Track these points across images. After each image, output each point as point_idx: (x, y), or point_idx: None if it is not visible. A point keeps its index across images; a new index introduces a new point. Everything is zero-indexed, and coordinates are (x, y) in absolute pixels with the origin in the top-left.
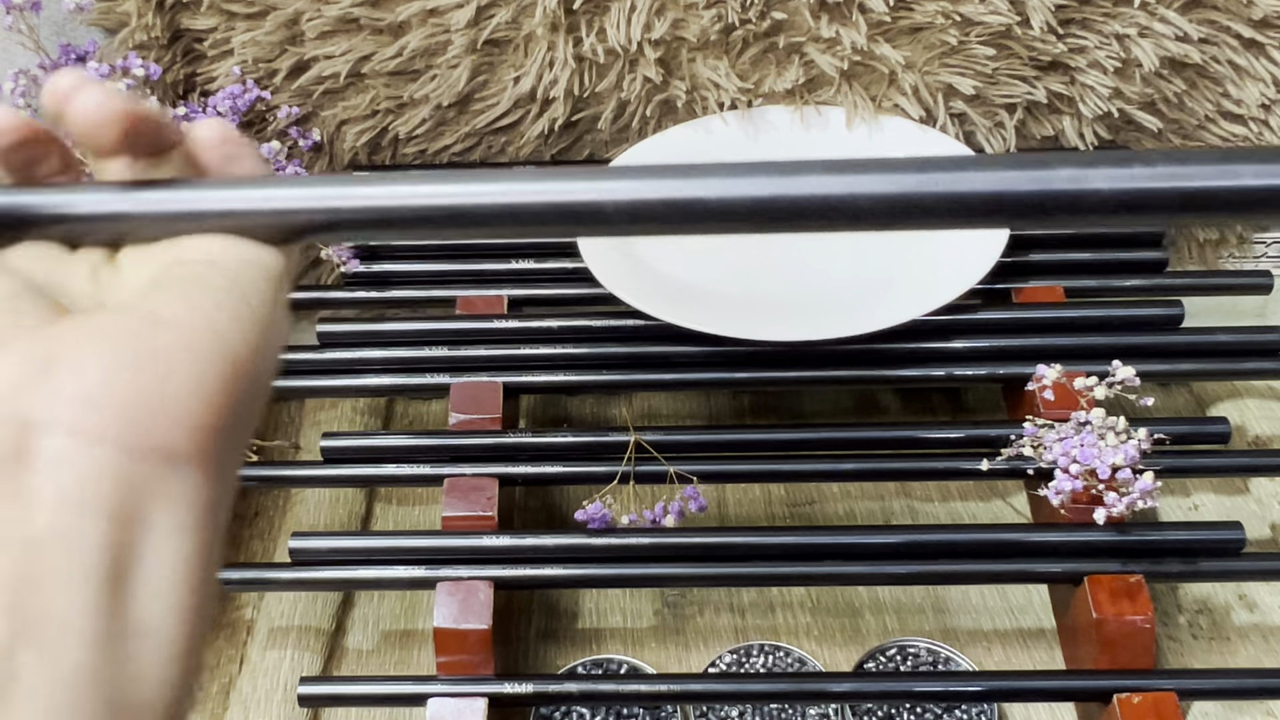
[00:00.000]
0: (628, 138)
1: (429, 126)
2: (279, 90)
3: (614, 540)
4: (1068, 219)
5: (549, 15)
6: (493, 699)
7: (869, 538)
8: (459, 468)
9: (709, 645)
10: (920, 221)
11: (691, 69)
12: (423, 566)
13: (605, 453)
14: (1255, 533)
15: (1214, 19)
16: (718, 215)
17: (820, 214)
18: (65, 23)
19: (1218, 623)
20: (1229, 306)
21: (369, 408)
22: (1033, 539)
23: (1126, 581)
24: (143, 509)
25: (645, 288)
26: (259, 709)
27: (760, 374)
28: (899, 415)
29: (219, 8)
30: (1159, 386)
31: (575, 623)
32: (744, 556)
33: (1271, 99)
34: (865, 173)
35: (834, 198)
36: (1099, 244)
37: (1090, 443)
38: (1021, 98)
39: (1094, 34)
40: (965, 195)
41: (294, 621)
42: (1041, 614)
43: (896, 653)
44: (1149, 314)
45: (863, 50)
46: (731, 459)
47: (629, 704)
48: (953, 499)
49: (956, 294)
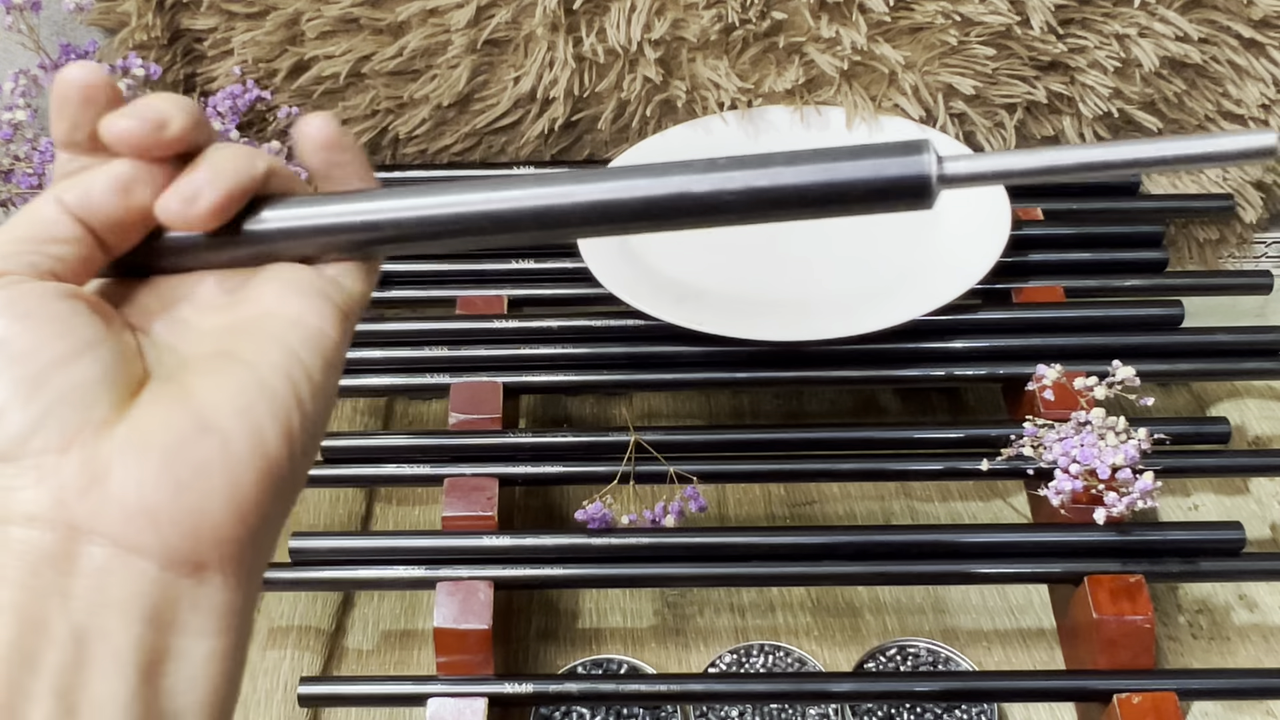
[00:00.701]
0: (628, 138)
1: (429, 126)
2: (279, 90)
3: (614, 540)
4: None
5: (549, 15)
6: (493, 699)
7: (869, 538)
8: (459, 468)
9: (709, 645)
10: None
11: (691, 69)
12: (423, 566)
13: (605, 453)
14: (1255, 533)
15: (1214, 19)
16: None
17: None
18: (65, 23)
19: (1218, 623)
20: (1229, 306)
21: (369, 408)
22: (1033, 539)
23: (1126, 581)
24: (175, 614)
25: (645, 288)
26: (259, 709)
27: (760, 374)
28: (899, 415)
29: (219, 8)
30: (1159, 386)
31: (575, 623)
32: (744, 556)
33: (1271, 99)
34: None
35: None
36: (1099, 244)
37: (1090, 443)
38: (1021, 98)
39: (1094, 34)
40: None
41: (294, 621)
42: (1041, 614)
43: (896, 653)
44: (1149, 314)
45: (863, 50)
46: (731, 459)
47: (629, 704)
48: (953, 499)
49: (956, 294)
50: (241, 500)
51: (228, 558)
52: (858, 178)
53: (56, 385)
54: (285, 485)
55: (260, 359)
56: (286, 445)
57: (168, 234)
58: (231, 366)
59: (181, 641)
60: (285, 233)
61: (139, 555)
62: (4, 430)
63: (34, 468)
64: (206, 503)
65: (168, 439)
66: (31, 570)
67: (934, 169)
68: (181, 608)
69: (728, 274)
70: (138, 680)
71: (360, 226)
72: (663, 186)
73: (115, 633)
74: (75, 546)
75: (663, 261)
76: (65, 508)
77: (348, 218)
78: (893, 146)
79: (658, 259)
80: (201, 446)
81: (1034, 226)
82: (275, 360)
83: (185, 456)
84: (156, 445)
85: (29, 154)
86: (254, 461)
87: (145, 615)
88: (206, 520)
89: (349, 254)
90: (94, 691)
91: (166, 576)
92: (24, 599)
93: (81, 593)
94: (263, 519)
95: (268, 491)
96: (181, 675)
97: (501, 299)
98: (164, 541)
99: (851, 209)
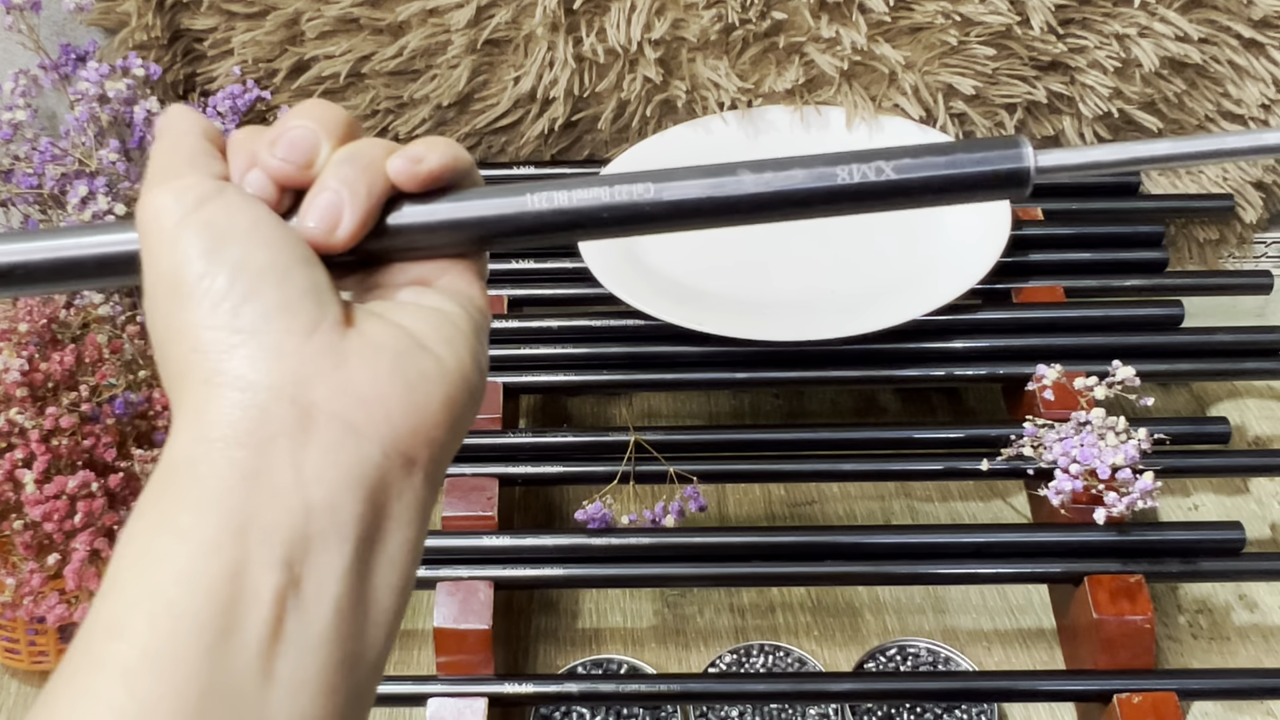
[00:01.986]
0: (628, 138)
1: (429, 126)
2: (279, 90)
3: (614, 540)
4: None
5: (549, 15)
6: (493, 699)
7: (869, 538)
8: (459, 468)
9: (709, 645)
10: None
11: (691, 69)
12: (423, 566)
13: (605, 453)
14: (1255, 533)
15: (1214, 19)
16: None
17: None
18: (65, 23)
19: (1218, 623)
20: (1229, 306)
21: None
22: (1033, 539)
23: (1126, 581)
24: (389, 498)
25: (645, 288)
26: None
27: (760, 374)
28: (899, 415)
29: (219, 8)
30: (1159, 386)
31: (575, 623)
32: (744, 556)
33: (1271, 99)
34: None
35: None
36: (1099, 244)
37: (1090, 443)
38: (1021, 98)
39: (1094, 34)
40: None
41: None
42: (1041, 614)
43: (896, 653)
44: (1149, 314)
45: (863, 50)
46: (731, 459)
47: (629, 704)
48: (953, 499)
49: (956, 294)
50: (451, 408)
51: (432, 457)
52: (975, 170)
53: (300, 279)
54: (474, 405)
55: (444, 305)
56: (478, 373)
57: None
58: (425, 310)
59: (388, 525)
60: (421, 227)
61: (368, 439)
62: (258, 305)
63: (273, 346)
64: (429, 403)
65: (397, 347)
66: (268, 438)
67: (1032, 161)
68: (392, 495)
69: (728, 274)
70: (354, 556)
71: (490, 222)
72: (794, 180)
73: (342, 506)
74: (312, 422)
75: (663, 262)
76: (305, 386)
77: (482, 212)
78: (994, 141)
79: (658, 259)
80: (423, 359)
81: (1034, 226)
82: (453, 307)
83: (412, 363)
84: (388, 349)
85: (29, 154)
86: (460, 380)
87: (368, 495)
88: (427, 419)
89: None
90: (318, 562)
91: (387, 463)
92: (261, 464)
93: (313, 466)
94: (459, 430)
95: (467, 407)
96: (385, 557)
97: (502, 299)
98: (393, 429)
99: (957, 199)
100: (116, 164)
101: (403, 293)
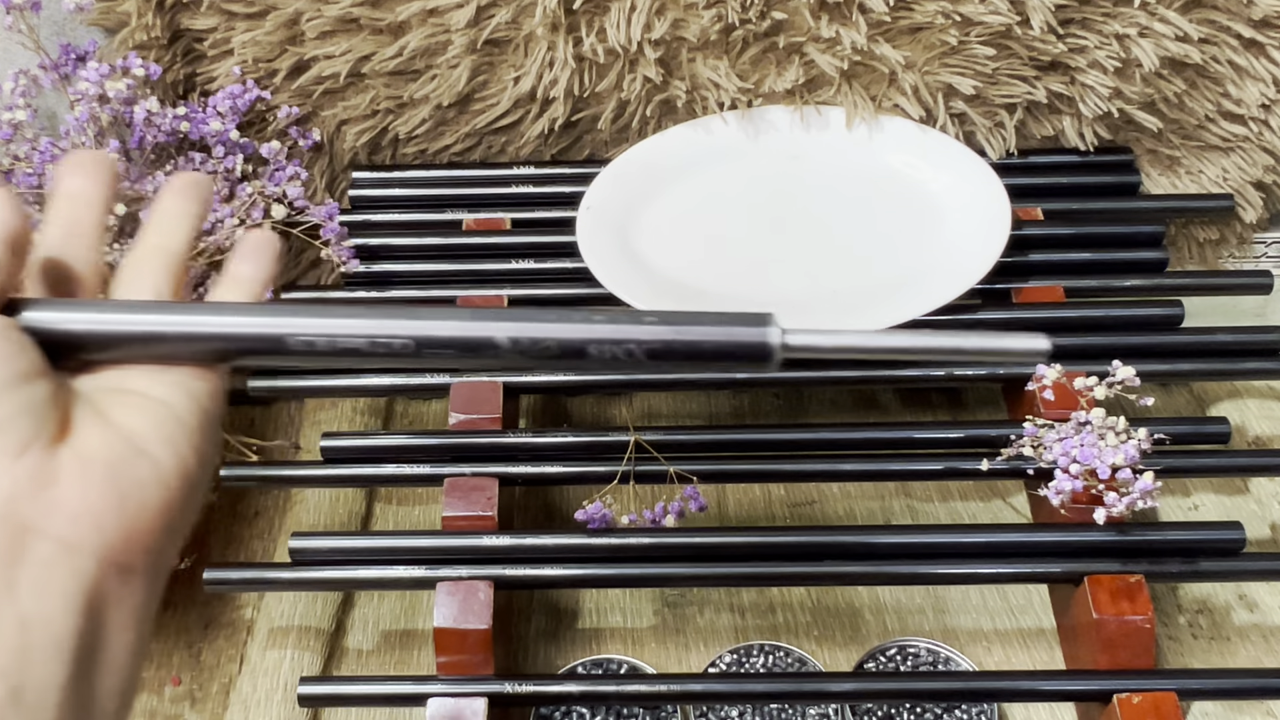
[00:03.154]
0: (628, 138)
1: (429, 126)
2: (279, 90)
3: (614, 540)
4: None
5: (549, 15)
6: (493, 699)
7: (869, 538)
8: (459, 467)
9: (709, 645)
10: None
11: (691, 69)
12: (423, 566)
13: (605, 453)
14: (1255, 533)
15: (1214, 19)
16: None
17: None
18: (65, 23)
19: (1218, 623)
20: (1229, 306)
21: (369, 408)
22: (1033, 539)
23: (1126, 581)
24: (106, 606)
25: (645, 288)
26: (259, 709)
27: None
28: (899, 415)
29: (219, 8)
30: (1159, 386)
31: (575, 623)
32: (744, 556)
33: (1271, 99)
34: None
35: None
36: (1099, 244)
37: (1090, 443)
38: (1021, 98)
39: (1094, 34)
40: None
41: (294, 621)
42: (1041, 614)
43: (896, 653)
44: (1149, 314)
45: (863, 50)
46: (731, 459)
47: (629, 704)
48: (953, 499)
49: (956, 294)
50: (167, 512)
51: (149, 561)
52: (715, 340)
53: (18, 399)
54: (195, 500)
55: (171, 398)
56: (200, 467)
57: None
58: (151, 404)
59: (107, 633)
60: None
61: (81, 554)
62: None
63: None
64: (143, 512)
65: (110, 456)
66: None
67: (778, 339)
68: (110, 603)
69: (728, 274)
70: (73, 667)
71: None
72: (548, 351)
73: (57, 620)
74: (23, 542)
75: (663, 261)
76: (16, 506)
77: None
78: (743, 317)
79: (658, 259)
80: (138, 467)
81: (1034, 226)
82: (181, 399)
83: (126, 473)
84: (100, 461)
85: (29, 154)
86: (178, 480)
87: (83, 608)
88: (141, 526)
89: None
90: (36, 674)
91: (102, 574)
92: None
93: (27, 584)
94: (179, 529)
95: (187, 506)
96: (106, 663)
97: (502, 299)
98: (105, 542)
99: (704, 368)
100: (116, 164)
101: (134, 377)
